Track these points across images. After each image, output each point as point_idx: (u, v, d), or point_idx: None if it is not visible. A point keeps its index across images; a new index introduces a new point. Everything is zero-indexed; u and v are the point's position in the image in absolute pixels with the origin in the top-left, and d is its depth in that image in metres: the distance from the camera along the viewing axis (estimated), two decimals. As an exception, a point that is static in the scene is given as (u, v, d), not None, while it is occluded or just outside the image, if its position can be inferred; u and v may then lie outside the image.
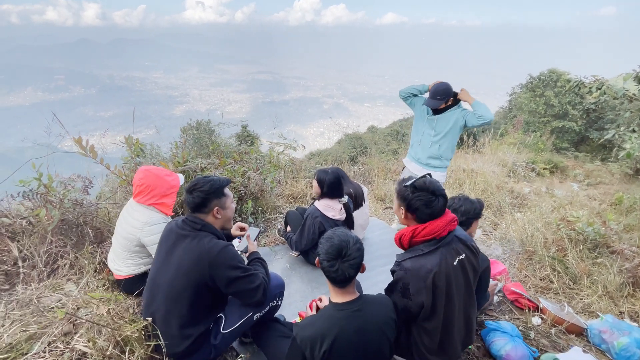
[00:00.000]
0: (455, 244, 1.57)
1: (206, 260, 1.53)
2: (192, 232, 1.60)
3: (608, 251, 3.15)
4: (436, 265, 1.48)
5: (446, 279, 1.50)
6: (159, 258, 1.64)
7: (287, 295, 2.43)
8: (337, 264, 1.35)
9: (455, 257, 1.54)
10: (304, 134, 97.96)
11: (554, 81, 11.99)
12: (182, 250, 1.57)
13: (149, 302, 1.63)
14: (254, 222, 3.33)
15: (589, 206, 5.07)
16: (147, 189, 2.04)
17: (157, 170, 2.10)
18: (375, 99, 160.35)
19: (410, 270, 1.51)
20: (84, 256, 2.28)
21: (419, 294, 1.49)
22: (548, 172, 7.73)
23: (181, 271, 1.54)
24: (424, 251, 1.53)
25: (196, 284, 1.54)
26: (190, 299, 1.54)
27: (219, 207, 1.67)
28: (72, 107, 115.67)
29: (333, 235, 1.41)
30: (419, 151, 3.14)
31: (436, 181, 1.58)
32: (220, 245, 1.57)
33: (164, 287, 1.56)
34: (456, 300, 1.55)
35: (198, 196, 1.61)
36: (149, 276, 1.67)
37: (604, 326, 2.15)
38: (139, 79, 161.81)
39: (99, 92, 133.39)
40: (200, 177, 1.68)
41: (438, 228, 1.52)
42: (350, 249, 1.36)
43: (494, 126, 12.18)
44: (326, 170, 2.62)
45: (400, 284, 1.54)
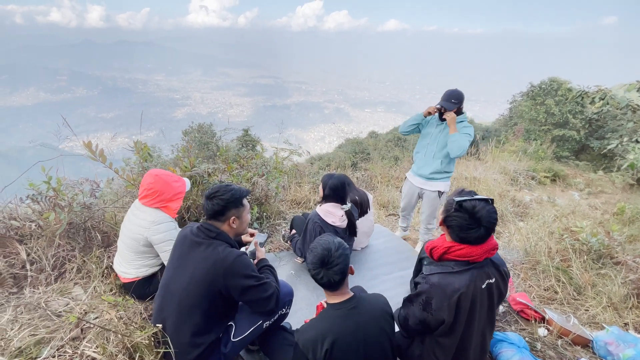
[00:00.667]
0: (487, 267, 1.52)
1: (220, 268, 1.53)
2: (207, 239, 1.60)
3: (612, 262, 3.16)
4: (464, 286, 1.44)
5: (471, 301, 1.46)
6: (172, 264, 1.65)
7: (293, 303, 2.43)
8: (322, 272, 1.42)
9: (484, 280, 1.49)
10: (305, 138, 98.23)
11: (555, 90, 12.08)
12: (196, 257, 1.57)
13: (160, 308, 1.63)
14: (259, 227, 3.34)
15: (591, 216, 5.09)
16: (154, 193, 2.06)
17: (167, 176, 2.13)
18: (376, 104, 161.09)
19: (436, 285, 1.48)
20: (91, 260, 2.29)
21: (441, 311, 1.45)
22: (549, 180, 7.75)
23: (195, 279, 1.54)
24: (454, 269, 1.48)
25: (210, 293, 1.55)
26: (204, 307, 1.55)
27: (236, 217, 1.68)
28: (74, 108, 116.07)
29: (317, 244, 1.48)
30: (422, 166, 3.16)
31: (492, 210, 1.43)
32: (234, 254, 1.58)
33: (177, 294, 1.57)
34: (477, 323, 1.52)
35: (217, 204, 1.63)
36: (161, 281, 1.67)
37: (610, 338, 2.15)
38: (141, 81, 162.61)
39: (101, 93, 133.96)
40: (222, 185, 1.69)
41: (475, 253, 1.46)
42: (332, 256, 1.42)
43: (495, 134, 12.25)
44: (332, 175, 2.63)
45: (423, 297, 1.51)
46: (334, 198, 2.59)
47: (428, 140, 3.11)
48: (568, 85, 11.90)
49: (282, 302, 1.80)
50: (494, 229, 1.44)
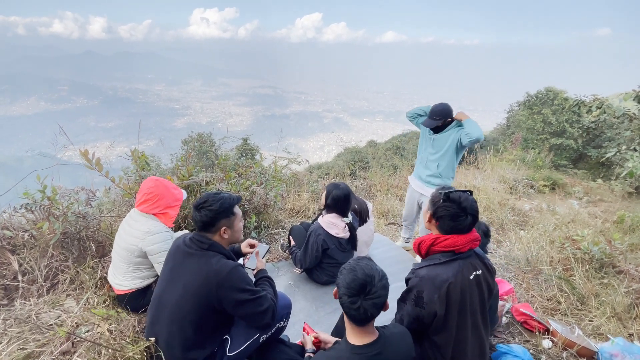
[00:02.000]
0: (473, 259, 1.56)
1: (214, 281, 1.48)
2: (199, 251, 1.55)
3: (614, 271, 3.12)
4: (452, 276, 1.48)
5: (461, 292, 1.48)
6: (164, 276, 1.61)
7: (291, 315, 2.38)
8: (360, 301, 1.21)
9: (472, 271, 1.53)
10: (304, 146, 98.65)
11: (551, 99, 12.19)
12: (188, 270, 1.52)
13: (153, 321, 1.58)
14: (257, 237, 3.29)
15: (592, 224, 5.05)
16: (154, 197, 2.04)
17: (166, 182, 2.13)
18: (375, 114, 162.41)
19: (425, 278, 1.50)
20: (85, 271, 2.24)
21: (432, 303, 1.47)
22: (547, 189, 7.75)
23: (187, 292, 1.49)
24: (440, 260, 1.52)
25: (203, 306, 1.49)
26: (196, 321, 1.50)
27: (227, 227, 1.62)
28: (74, 118, 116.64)
29: (356, 266, 1.27)
30: (420, 169, 3.24)
31: (474, 200, 1.54)
32: (228, 266, 1.52)
33: (169, 308, 1.52)
34: (469, 317, 1.53)
35: (206, 215, 1.56)
36: (154, 294, 1.63)
37: (616, 349, 2.09)
38: (142, 91, 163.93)
39: (101, 103, 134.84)
40: (211, 194, 1.62)
41: (459, 243, 1.51)
42: (375, 286, 1.22)
43: (493, 143, 12.31)
44: (338, 185, 2.58)
45: (414, 292, 1.52)
46: (335, 209, 2.55)
47: (424, 145, 3.20)
48: (564, 94, 12.02)
49: (280, 315, 1.75)
50: (477, 217, 1.53)
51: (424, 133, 3.19)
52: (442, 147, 3.02)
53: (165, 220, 2.08)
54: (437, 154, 3.06)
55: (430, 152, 3.10)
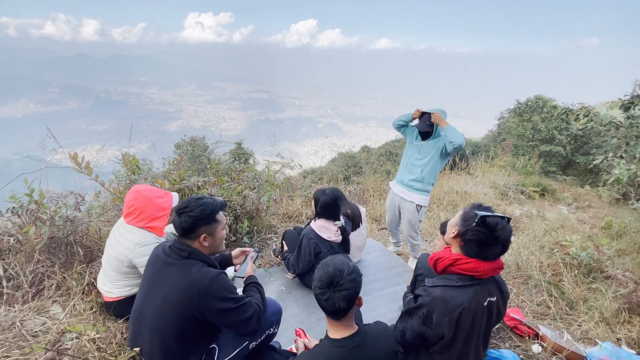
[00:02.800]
0: (490, 285, 1.49)
1: (195, 291, 1.42)
2: (179, 259, 1.49)
3: (602, 276, 3.17)
4: (467, 301, 1.40)
5: (472, 318, 1.43)
6: (143, 286, 1.55)
7: (283, 321, 2.34)
8: (329, 293, 1.28)
9: (486, 297, 1.46)
10: (298, 151, 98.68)
11: (541, 107, 12.43)
12: (168, 280, 1.46)
13: (134, 334, 1.54)
14: (249, 242, 3.27)
15: (580, 230, 5.13)
16: (135, 211, 1.97)
17: (149, 192, 2.01)
18: (369, 119, 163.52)
19: (438, 299, 1.42)
20: (72, 276, 2.19)
21: (441, 326, 1.41)
22: (537, 195, 7.86)
23: (168, 303, 1.43)
24: (457, 283, 1.44)
25: (184, 317, 1.44)
26: (178, 333, 1.45)
27: (207, 235, 1.54)
28: (65, 120, 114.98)
29: (329, 262, 1.34)
30: (404, 173, 3.24)
31: (510, 230, 1.41)
32: (210, 275, 1.45)
33: (150, 319, 1.47)
34: (474, 341, 1.49)
35: (185, 221, 1.49)
36: (134, 306, 1.58)
37: (604, 354, 2.12)
38: (135, 94, 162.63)
39: (93, 105, 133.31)
40: (193, 199, 1.54)
41: (481, 270, 1.41)
42: (343, 279, 1.28)
43: (484, 149, 12.48)
44: (324, 190, 2.59)
45: (423, 310, 1.45)
46: (326, 215, 2.56)
47: (409, 150, 3.23)
48: (553, 102, 12.28)
49: (270, 321, 1.73)
50: (508, 247, 1.41)
51: (411, 140, 3.22)
52: (428, 153, 3.05)
53: (155, 232, 2.01)
54: (423, 160, 3.08)
55: (417, 158, 3.12)
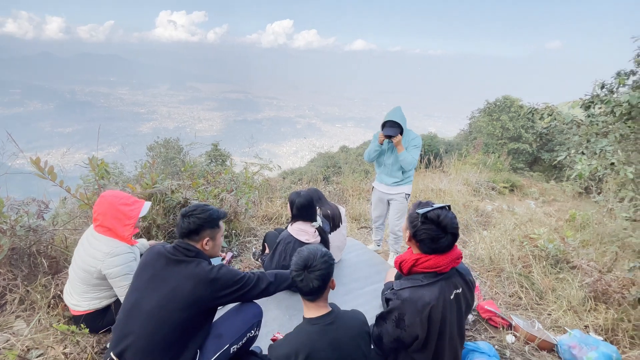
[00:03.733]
0: (454, 277, 1.54)
1: (208, 284, 1.54)
2: (188, 258, 1.58)
3: (568, 266, 3.36)
4: (435, 299, 1.45)
5: (442, 313, 1.47)
6: (141, 285, 1.55)
7: (264, 324, 2.32)
8: (304, 274, 1.41)
9: (452, 290, 1.52)
10: (278, 152, 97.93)
11: (508, 107, 13.03)
12: (177, 275, 1.54)
13: (123, 334, 1.48)
14: (227, 246, 3.20)
15: (547, 223, 5.42)
16: (98, 217, 1.89)
17: (113, 198, 1.91)
18: (346, 120, 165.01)
19: (407, 300, 1.47)
20: (36, 290, 2.05)
21: (414, 326, 1.45)
22: (507, 190, 8.23)
23: (178, 296, 1.50)
24: (423, 282, 1.48)
25: (192, 310, 1.52)
26: (186, 322, 1.51)
27: (210, 238, 1.66)
28: (27, 123, 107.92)
29: (304, 248, 1.50)
30: (384, 177, 3.40)
31: (453, 216, 1.48)
32: (217, 268, 1.60)
33: (153, 312, 1.48)
34: (447, 334, 1.52)
35: (194, 222, 1.60)
36: (125, 306, 1.54)
37: (573, 341, 2.24)
38: (103, 94, 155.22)
39: (58, 107, 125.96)
40: (201, 204, 1.69)
41: (441, 264, 1.48)
42: (316, 261, 1.43)
43: (457, 148, 12.92)
44: (299, 193, 2.58)
45: (395, 314, 1.49)
46: (302, 217, 2.54)
47: (384, 156, 3.34)
48: (519, 102, 12.90)
49: (250, 324, 1.72)
50: (458, 234, 1.49)
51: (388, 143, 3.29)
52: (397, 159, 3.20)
53: (123, 240, 1.91)
54: (398, 164, 3.23)
55: (391, 164, 3.27)
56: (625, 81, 4.65)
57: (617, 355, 2.11)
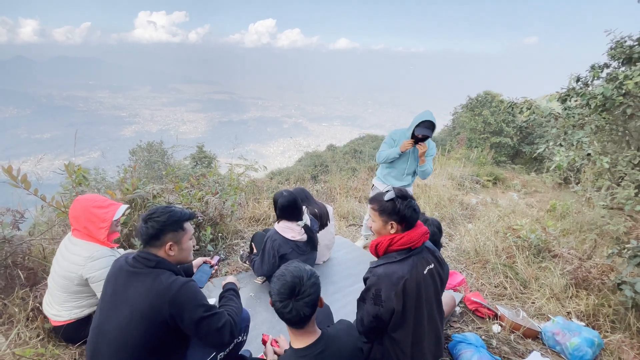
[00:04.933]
0: (425, 253, 1.63)
1: (166, 299, 1.37)
2: (146, 269, 1.43)
3: (550, 255, 3.46)
4: (407, 272, 1.53)
5: (416, 287, 1.54)
6: (104, 303, 1.45)
7: (253, 327, 2.30)
8: (291, 304, 1.23)
9: (425, 266, 1.60)
10: (265, 152, 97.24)
11: (489, 102, 13.33)
12: (136, 290, 1.40)
13: (93, 354, 1.41)
14: (213, 249, 3.15)
15: (529, 214, 5.57)
16: (73, 221, 1.84)
17: (86, 201, 1.86)
18: (333, 119, 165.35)
19: (382, 276, 1.54)
20: (14, 303, 1.97)
21: (390, 300, 1.51)
22: (491, 183, 8.42)
23: (136, 314, 1.36)
24: (396, 258, 1.57)
25: (155, 327, 1.38)
26: (148, 345, 1.38)
27: (173, 243, 1.50)
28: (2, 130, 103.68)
29: (285, 272, 1.29)
30: (392, 180, 3.37)
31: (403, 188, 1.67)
32: (180, 282, 1.42)
33: (114, 334, 1.37)
34: (425, 310, 1.59)
35: (152, 226, 1.45)
36: (93, 323, 1.46)
37: (556, 328, 2.31)
38: (82, 98, 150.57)
39: (34, 112, 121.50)
40: (160, 207, 1.53)
41: (414, 238, 1.57)
42: (304, 286, 1.25)
43: (441, 143, 13.13)
44: (282, 193, 2.57)
45: (372, 291, 1.55)
46: (287, 216, 2.54)
47: (400, 160, 3.28)
48: (500, 97, 13.21)
49: (238, 329, 1.68)
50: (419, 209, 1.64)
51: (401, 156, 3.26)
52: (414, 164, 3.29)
53: (102, 243, 1.87)
54: (412, 170, 3.31)
55: (405, 169, 3.31)
56: (599, 74, 4.83)
57: (599, 339, 2.19)
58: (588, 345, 2.12)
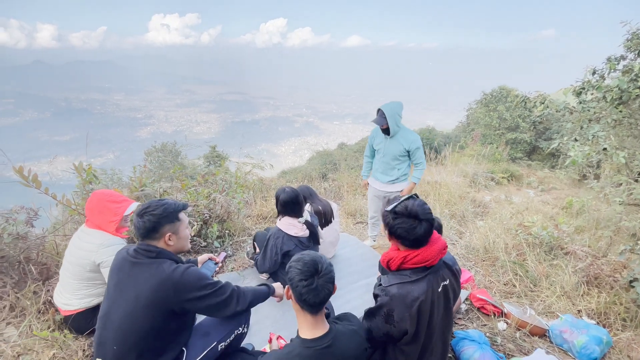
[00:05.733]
0: (442, 270, 1.54)
1: (170, 286, 1.43)
2: (148, 259, 1.49)
3: (562, 252, 3.36)
4: (423, 293, 1.45)
5: (430, 306, 1.47)
6: (109, 294, 1.51)
7: (257, 322, 2.33)
8: (316, 281, 1.25)
9: (440, 283, 1.52)
10: (277, 152, 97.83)
11: (505, 97, 13.01)
12: (139, 279, 1.46)
13: (100, 342, 1.48)
14: (220, 246, 3.21)
15: (543, 211, 5.42)
16: (88, 213, 1.97)
17: (104, 195, 1.99)
18: (344, 117, 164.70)
19: (396, 297, 1.46)
20: (26, 296, 2.06)
21: (403, 322, 1.45)
22: (506, 180, 8.23)
23: (141, 302, 1.42)
24: (411, 278, 1.48)
25: (160, 313, 1.44)
26: (155, 329, 1.44)
27: (172, 233, 1.56)
28: (23, 132, 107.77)
29: (301, 256, 1.32)
30: (380, 175, 3.39)
31: (421, 203, 1.50)
32: (181, 268, 1.49)
33: (120, 322, 1.43)
34: (436, 325, 1.53)
35: (149, 220, 1.50)
36: (100, 312, 1.52)
37: (564, 326, 2.25)
38: (99, 101, 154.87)
39: (53, 115, 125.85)
40: (154, 201, 1.58)
41: (430, 257, 1.47)
42: (324, 264, 1.30)
43: (455, 140, 12.90)
44: (284, 189, 2.59)
45: (384, 310, 1.48)
46: (288, 212, 2.55)
47: (381, 153, 3.31)
48: (515, 92, 12.87)
49: (239, 321, 1.72)
50: (432, 219, 1.47)
51: (377, 144, 3.32)
52: (397, 151, 3.18)
53: (114, 234, 1.98)
54: (395, 160, 3.23)
55: (388, 161, 3.25)
56: (615, 66, 4.64)
57: (607, 337, 2.12)
58: (596, 343, 2.06)
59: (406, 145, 3.15)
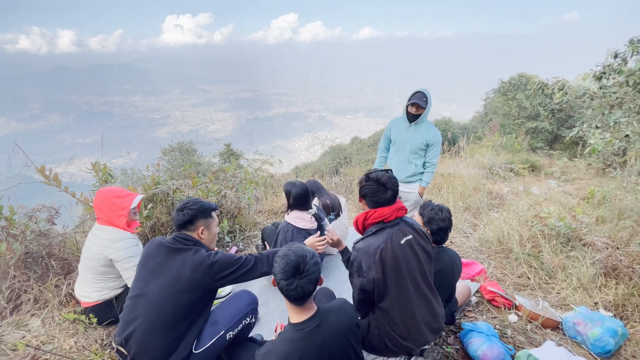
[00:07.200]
0: (401, 226, 1.72)
1: (208, 265, 1.63)
2: (186, 246, 1.67)
3: (580, 244, 3.24)
4: (382, 242, 1.64)
5: (393, 255, 1.63)
6: (147, 271, 1.64)
7: (266, 314, 2.39)
8: (296, 281, 1.30)
9: (402, 237, 1.68)
10: (291, 148, 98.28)
11: (524, 84, 12.52)
12: (178, 261, 1.63)
13: (132, 316, 1.58)
14: (231, 241, 3.28)
15: (563, 202, 5.24)
16: (96, 210, 2.08)
17: (107, 192, 2.10)
18: (357, 110, 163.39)
19: (361, 249, 1.67)
20: (48, 289, 2.19)
21: (370, 270, 1.62)
22: (526, 171, 7.96)
23: (182, 279, 1.60)
24: (372, 232, 1.70)
25: (195, 290, 1.61)
26: (185, 306, 1.59)
27: (205, 227, 1.75)
28: (49, 136, 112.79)
29: (288, 252, 1.36)
30: (396, 171, 3.23)
31: (393, 178, 1.73)
32: (213, 253, 1.70)
33: (156, 296, 1.57)
34: (408, 278, 1.65)
35: (188, 213, 1.71)
36: (131, 293, 1.64)
37: (578, 318, 2.19)
38: (118, 103, 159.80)
39: (76, 118, 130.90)
40: (192, 199, 1.81)
41: (386, 213, 1.70)
42: (308, 264, 1.32)
43: (473, 130, 12.57)
44: (294, 183, 2.63)
45: (355, 264, 1.67)
46: (298, 206, 2.60)
47: (398, 145, 3.19)
48: (535, 79, 12.36)
49: (245, 312, 1.78)
50: (397, 190, 1.72)
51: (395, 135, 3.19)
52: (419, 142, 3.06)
53: (123, 229, 2.07)
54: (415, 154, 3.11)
55: (406, 154, 3.12)
56: (638, 48, 4.40)
57: (623, 329, 2.05)
58: (610, 335, 1.99)
59: (428, 137, 3.05)
